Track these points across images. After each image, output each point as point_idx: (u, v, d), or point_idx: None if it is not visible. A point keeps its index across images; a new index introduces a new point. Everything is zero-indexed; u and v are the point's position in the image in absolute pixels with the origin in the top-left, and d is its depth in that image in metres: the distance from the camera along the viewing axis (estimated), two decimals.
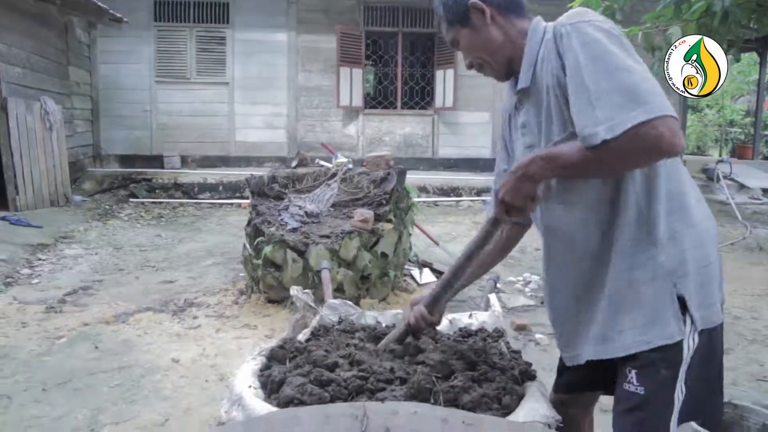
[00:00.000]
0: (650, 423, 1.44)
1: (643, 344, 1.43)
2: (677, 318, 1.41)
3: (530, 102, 1.52)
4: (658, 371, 1.42)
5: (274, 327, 4.19)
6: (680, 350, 1.42)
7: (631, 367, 1.45)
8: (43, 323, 4.29)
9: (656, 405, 1.43)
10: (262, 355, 1.61)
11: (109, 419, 3.01)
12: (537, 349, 3.90)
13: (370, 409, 1.10)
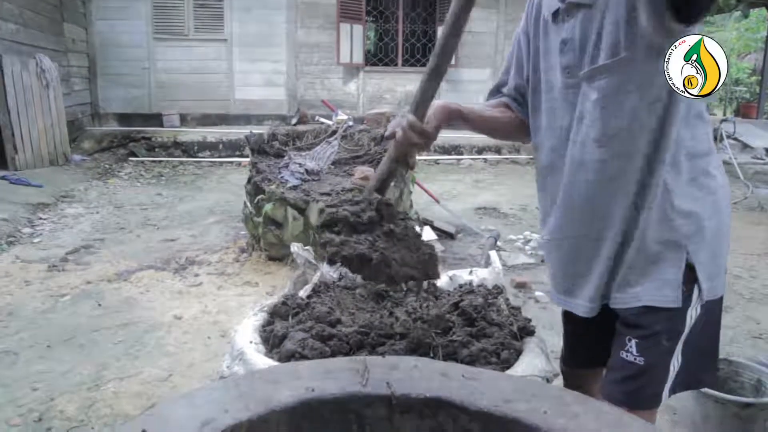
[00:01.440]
0: (644, 392, 1.42)
1: (635, 300, 1.40)
2: (679, 285, 1.37)
3: (581, 16, 1.32)
4: (659, 342, 1.39)
5: (275, 284, 4.21)
6: (683, 320, 1.39)
7: (631, 336, 1.41)
8: (47, 281, 4.32)
9: (653, 375, 1.41)
10: (264, 311, 1.62)
11: (113, 374, 3.06)
12: (537, 306, 3.93)
13: (371, 363, 1.11)
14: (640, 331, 1.40)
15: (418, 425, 1.05)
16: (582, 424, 0.99)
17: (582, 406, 1.05)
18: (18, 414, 2.73)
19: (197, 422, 0.96)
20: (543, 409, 1.02)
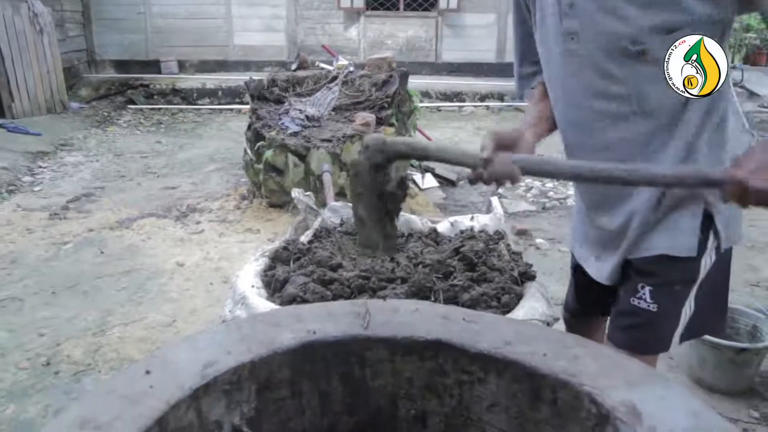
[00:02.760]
0: (653, 338, 1.42)
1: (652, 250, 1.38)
2: (696, 234, 1.34)
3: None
4: (673, 290, 1.38)
5: (276, 231, 4.22)
6: (698, 267, 1.38)
7: (645, 284, 1.39)
8: (49, 229, 4.34)
9: (664, 322, 1.41)
10: (265, 256, 1.62)
11: (117, 320, 3.10)
12: (537, 253, 3.95)
13: (372, 307, 1.11)
14: (654, 278, 1.38)
15: (419, 367, 1.06)
16: (582, 366, 1.00)
17: (582, 349, 1.06)
18: (26, 358, 2.78)
19: (200, 364, 0.97)
20: (543, 352, 1.03)
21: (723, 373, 2.59)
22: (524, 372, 1.00)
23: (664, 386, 0.98)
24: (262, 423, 1.02)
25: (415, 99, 5.24)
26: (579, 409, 0.96)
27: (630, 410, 0.91)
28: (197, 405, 0.93)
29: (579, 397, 0.96)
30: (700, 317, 1.43)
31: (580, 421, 0.97)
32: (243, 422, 0.99)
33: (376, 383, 1.06)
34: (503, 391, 1.03)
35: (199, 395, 0.93)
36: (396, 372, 1.05)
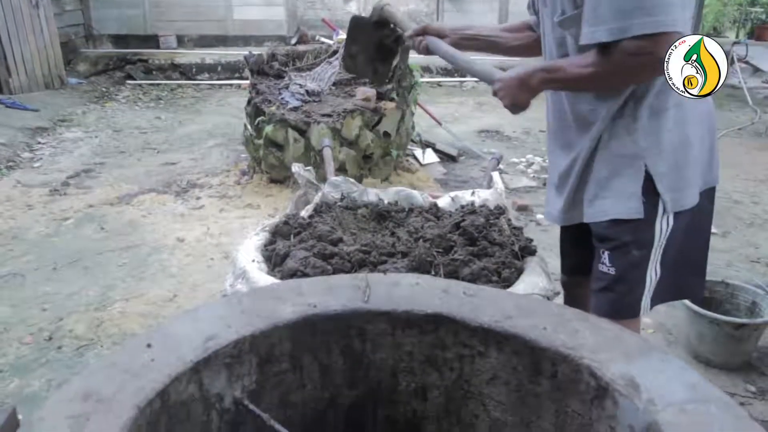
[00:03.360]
0: (621, 301, 1.48)
1: (601, 215, 1.46)
2: (638, 197, 1.41)
3: None
4: (628, 252, 1.44)
5: (277, 206, 4.22)
6: (651, 232, 1.43)
7: (604, 249, 1.48)
8: (49, 205, 4.33)
9: (627, 284, 1.47)
10: (266, 231, 1.62)
11: (119, 295, 3.11)
12: (538, 229, 3.94)
13: (373, 280, 1.11)
14: (610, 243, 1.46)
15: (419, 341, 1.06)
16: (582, 340, 1.01)
17: (582, 323, 1.06)
18: (29, 333, 2.80)
19: (201, 337, 0.97)
20: (543, 326, 1.03)
21: (721, 348, 2.61)
22: (524, 345, 1.01)
23: (663, 359, 0.98)
24: (264, 396, 1.03)
25: (415, 74, 5.19)
26: (578, 382, 0.97)
27: (629, 383, 0.91)
28: (198, 378, 0.94)
29: (578, 370, 0.97)
30: (671, 282, 1.49)
31: (579, 394, 0.97)
32: (244, 395, 0.99)
33: (377, 356, 1.07)
34: (503, 365, 1.04)
35: (200, 368, 0.93)
36: (396, 345, 1.06)
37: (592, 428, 0.97)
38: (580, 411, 0.98)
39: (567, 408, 1.00)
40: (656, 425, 0.84)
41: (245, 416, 1.00)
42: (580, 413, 0.98)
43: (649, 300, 1.49)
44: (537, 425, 1.04)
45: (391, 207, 1.84)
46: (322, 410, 1.10)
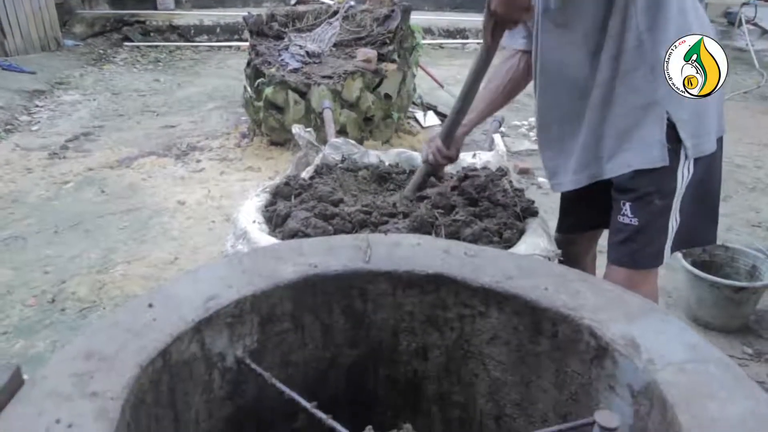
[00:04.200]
0: (643, 252, 1.49)
1: (625, 167, 1.45)
2: (662, 144, 1.41)
3: None
4: (651, 202, 1.45)
5: (277, 169, 4.20)
6: (674, 180, 1.44)
7: (624, 200, 1.48)
8: (48, 169, 4.31)
9: (650, 234, 1.48)
10: (266, 192, 1.61)
11: (121, 258, 3.12)
12: (539, 192, 3.93)
13: (374, 241, 1.11)
14: (632, 194, 1.46)
15: (420, 301, 1.06)
16: (582, 300, 1.01)
17: (583, 284, 1.06)
18: (32, 296, 2.82)
19: (202, 297, 0.97)
20: (544, 286, 1.03)
21: (720, 311, 2.63)
22: (525, 306, 1.01)
23: (663, 320, 0.98)
24: (265, 355, 1.03)
25: (417, 35, 5.10)
26: (578, 342, 0.97)
27: (629, 343, 0.92)
28: (200, 337, 0.94)
29: (579, 330, 0.97)
30: (688, 229, 1.50)
31: (579, 354, 0.98)
32: (246, 354, 1.00)
33: (378, 317, 1.07)
34: (504, 325, 1.04)
35: (201, 328, 0.93)
36: (397, 305, 1.06)
37: (591, 387, 0.97)
38: (579, 370, 0.99)
39: (567, 368, 1.00)
40: (655, 384, 0.84)
41: (247, 375, 1.00)
42: (580, 373, 0.99)
43: (669, 248, 1.51)
44: (536, 384, 1.05)
45: (392, 169, 1.83)
46: (323, 370, 1.10)
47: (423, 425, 0.80)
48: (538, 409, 1.06)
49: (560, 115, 1.57)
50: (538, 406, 1.06)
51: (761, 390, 0.83)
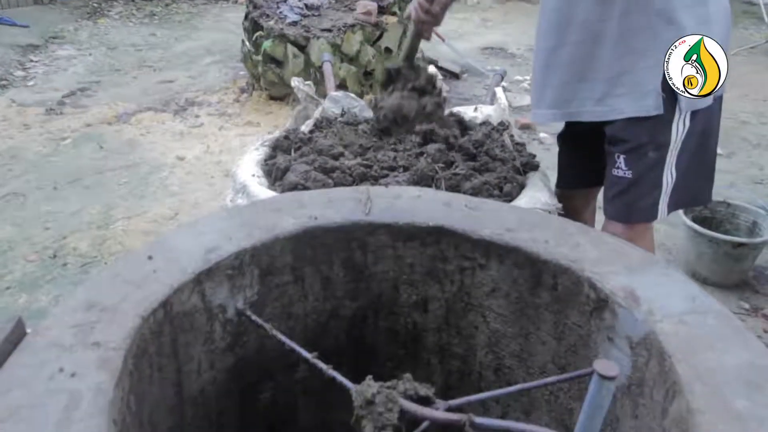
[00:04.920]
0: (637, 205, 1.48)
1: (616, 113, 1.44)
2: (657, 93, 1.38)
3: None
4: (645, 154, 1.43)
5: (276, 124, 4.16)
6: (669, 132, 1.42)
7: (619, 153, 1.46)
8: (46, 125, 4.28)
9: (644, 187, 1.46)
10: (266, 146, 1.60)
11: (121, 214, 3.12)
12: (540, 148, 3.91)
13: (374, 193, 1.10)
14: (625, 145, 1.45)
15: (421, 253, 1.06)
16: (583, 253, 1.00)
17: (584, 236, 1.06)
18: (34, 251, 2.83)
19: (202, 249, 0.97)
20: (545, 239, 1.03)
21: (719, 266, 2.64)
22: (525, 258, 1.01)
23: (664, 272, 0.98)
24: (266, 307, 1.04)
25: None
26: (578, 294, 0.98)
27: (628, 294, 0.92)
28: (201, 289, 0.94)
29: (579, 283, 0.97)
30: (684, 186, 1.48)
31: (578, 306, 0.98)
32: (246, 306, 1.00)
33: (378, 269, 1.07)
34: (504, 277, 1.04)
35: (202, 279, 0.93)
36: (397, 258, 1.06)
37: (590, 339, 0.98)
38: (579, 323, 0.99)
39: (566, 320, 1.01)
40: (653, 335, 0.85)
41: (248, 327, 1.01)
42: (579, 325, 0.99)
43: (666, 205, 1.50)
44: (536, 336, 1.06)
45: None
46: (323, 322, 1.11)
47: (423, 376, 0.81)
48: (537, 360, 1.07)
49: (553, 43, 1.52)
50: (537, 358, 1.07)
51: (759, 342, 0.84)
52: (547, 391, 1.07)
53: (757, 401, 0.73)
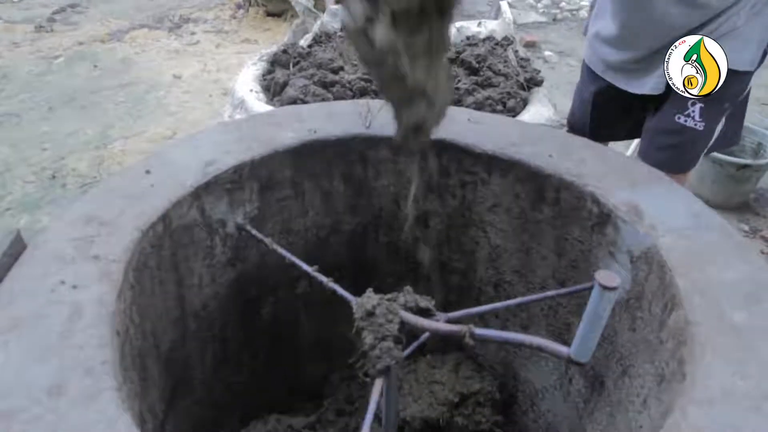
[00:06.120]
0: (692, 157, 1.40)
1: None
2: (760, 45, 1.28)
3: None
4: (722, 105, 1.34)
5: (274, 41, 4.05)
6: (748, 83, 1.33)
7: (696, 101, 1.33)
8: (36, 43, 4.16)
9: (706, 139, 1.38)
10: (264, 61, 1.55)
11: (118, 134, 3.08)
12: (545, 66, 3.82)
13: (375, 107, 1.07)
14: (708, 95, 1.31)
15: (422, 167, 1.04)
16: (587, 168, 0.99)
17: (589, 151, 1.04)
18: (32, 172, 2.80)
19: (200, 163, 0.95)
20: (549, 153, 1.01)
21: (721, 188, 2.62)
22: (528, 172, 0.99)
23: (669, 188, 0.97)
24: (266, 222, 1.03)
25: None
26: (580, 209, 0.97)
27: (632, 209, 0.91)
28: (200, 203, 0.93)
29: (582, 197, 0.96)
30: (725, 132, 1.41)
31: (580, 221, 0.97)
32: (246, 221, 1.00)
33: (378, 183, 1.06)
34: (506, 192, 1.03)
35: (200, 193, 0.92)
36: (398, 172, 1.05)
37: (591, 254, 0.98)
38: (580, 238, 0.99)
39: (567, 235, 1.00)
40: (655, 249, 0.84)
41: (248, 242, 1.01)
42: (581, 240, 0.99)
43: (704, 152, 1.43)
44: (536, 252, 1.06)
45: None
46: (324, 237, 1.11)
47: (423, 291, 0.81)
48: (537, 275, 1.08)
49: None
50: (537, 273, 1.07)
51: (760, 256, 0.84)
52: (545, 305, 1.08)
53: (754, 313, 0.73)
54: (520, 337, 0.73)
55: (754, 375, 0.66)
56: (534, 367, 1.14)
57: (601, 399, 0.95)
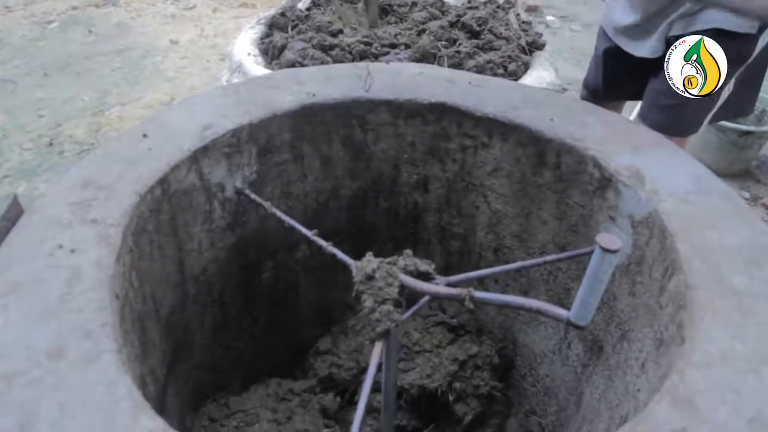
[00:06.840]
0: (691, 119, 1.39)
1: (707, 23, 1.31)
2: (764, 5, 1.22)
3: None
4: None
5: (273, 4, 3.98)
6: (753, 47, 1.31)
7: None
8: (29, 7, 4.09)
9: (708, 103, 1.37)
10: (262, 24, 1.52)
11: (115, 100, 3.04)
12: (547, 32, 3.76)
13: (374, 70, 1.05)
14: None
15: (422, 131, 1.03)
16: (589, 132, 0.98)
17: (591, 116, 1.03)
18: (29, 139, 2.78)
19: (198, 127, 0.94)
20: (550, 117, 1.00)
21: (723, 155, 2.61)
22: (529, 136, 0.98)
23: (671, 153, 0.96)
24: (265, 186, 1.02)
25: None
26: (582, 173, 0.96)
27: (633, 174, 0.90)
28: (198, 167, 0.92)
29: (583, 161, 0.95)
30: (736, 99, 1.40)
31: (581, 185, 0.97)
32: (245, 185, 0.99)
33: (378, 147, 1.05)
34: (507, 156, 1.02)
35: (198, 157, 0.91)
36: (398, 136, 1.03)
37: (591, 219, 0.97)
38: (581, 202, 0.98)
39: (568, 199, 1.00)
40: (656, 214, 0.84)
41: (247, 206, 1.00)
42: (582, 204, 0.98)
43: (709, 117, 1.42)
44: (537, 216, 1.05)
45: (393, 0, 1.72)
46: (323, 202, 1.10)
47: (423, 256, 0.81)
48: (537, 240, 1.07)
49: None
50: (537, 238, 1.07)
51: (761, 221, 0.83)
52: (545, 270, 1.08)
53: (755, 277, 0.73)
54: (519, 300, 0.72)
55: (753, 339, 0.66)
56: (533, 331, 1.15)
57: (599, 363, 0.96)
